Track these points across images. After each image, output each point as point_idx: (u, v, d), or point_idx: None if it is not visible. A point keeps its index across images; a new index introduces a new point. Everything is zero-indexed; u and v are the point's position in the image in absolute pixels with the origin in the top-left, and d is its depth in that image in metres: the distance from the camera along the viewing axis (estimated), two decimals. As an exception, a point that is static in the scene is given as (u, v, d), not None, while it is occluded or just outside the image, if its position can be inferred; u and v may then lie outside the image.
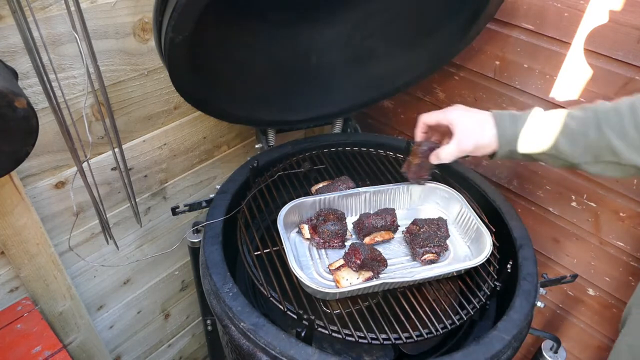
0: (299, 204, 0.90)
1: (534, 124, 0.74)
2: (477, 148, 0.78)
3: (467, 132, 0.78)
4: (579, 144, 0.70)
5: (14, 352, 0.84)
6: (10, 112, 0.59)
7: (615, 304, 1.09)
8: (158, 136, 1.07)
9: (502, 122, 0.76)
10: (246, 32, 0.95)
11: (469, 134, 0.78)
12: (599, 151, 0.69)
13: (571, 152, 0.71)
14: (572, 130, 0.70)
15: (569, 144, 0.71)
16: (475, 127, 0.77)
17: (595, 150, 0.69)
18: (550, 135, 0.72)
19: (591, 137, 0.69)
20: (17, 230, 0.86)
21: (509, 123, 0.76)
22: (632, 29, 0.84)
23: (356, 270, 0.79)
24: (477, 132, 0.77)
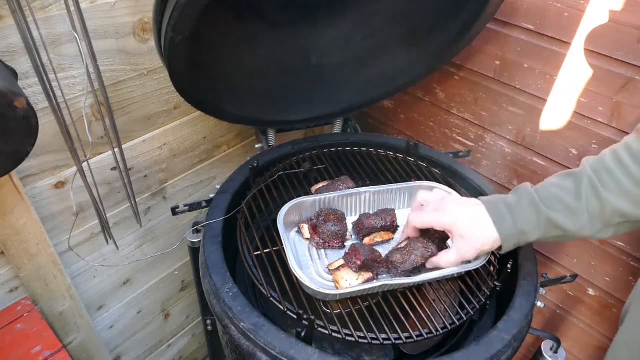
0: (299, 204, 0.90)
1: (531, 214, 0.70)
2: (480, 255, 0.75)
3: (468, 240, 0.73)
4: (583, 219, 0.67)
5: (14, 352, 0.84)
6: (10, 112, 0.59)
7: (615, 304, 1.09)
8: (158, 136, 1.07)
9: (502, 221, 0.71)
10: (246, 32, 0.95)
11: (471, 242, 0.73)
12: (606, 218, 0.67)
13: (579, 229, 0.68)
14: (572, 209, 0.68)
15: (574, 222, 0.68)
16: (475, 232, 0.72)
17: (602, 218, 0.67)
18: (553, 221, 0.69)
19: (593, 208, 0.66)
20: (17, 230, 0.86)
21: (508, 220, 0.71)
22: (632, 29, 0.84)
23: (356, 271, 0.79)
24: (479, 239, 0.72)
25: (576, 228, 0.68)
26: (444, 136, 1.28)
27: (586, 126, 0.98)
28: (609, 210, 0.65)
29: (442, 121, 1.26)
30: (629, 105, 0.90)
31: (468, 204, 0.75)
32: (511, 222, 0.71)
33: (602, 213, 0.66)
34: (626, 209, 0.64)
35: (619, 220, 0.66)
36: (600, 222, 0.67)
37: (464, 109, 1.19)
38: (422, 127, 1.33)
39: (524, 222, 0.70)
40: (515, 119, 1.09)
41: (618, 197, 0.64)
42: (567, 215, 0.68)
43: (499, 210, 0.72)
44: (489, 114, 1.14)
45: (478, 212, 0.73)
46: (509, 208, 0.71)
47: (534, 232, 0.70)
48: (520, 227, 0.70)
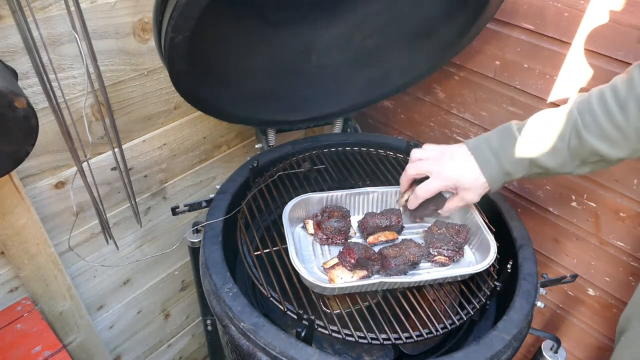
0: (306, 200, 0.90)
1: (515, 152, 0.75)
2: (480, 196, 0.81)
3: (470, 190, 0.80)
4: (564, 157, 0.71)
5: (14, 352, 0.84)
6: (10, 112, 0.59)
7: (615, 304, 1.09)
8: (158, 136, 1.07)
9: (487, 165, 0.77)
10: (246, 32, 0.95)
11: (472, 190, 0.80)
12: (584, 156, 0.71)
13: (559, 166, 0.72)
14: (554, 147, 0.71)
15: (556, 160, 0.72)
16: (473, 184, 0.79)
17: (580, 155, 0.71)
18: (535, 159, 0.73)
19: (573, 146, 0.70)
20: (17, 230, 0.86)
21: (493, 162, 0.76)
22: (632, 29, 0.84)
23: (350, 269, 0.80)
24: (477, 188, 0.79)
25: (557, 165, 0.72)
26: (444, 136, 1.28)
27: (586, 126, 0.98)
28: (587, 150, 0.69)
29: (442, 121, 1.26)
30: (629, 105, 0.90)
31: (460, 156, 0.80)
32: (496, 166, 0.76)
33: (581, 152, 0.70)
34: (604, 150, 0.68)
35: (596, 159, 0.70)
36: (578, 159, 0.71)
37: (464, 109, 1.19)
38: (422, 127, 1.33)
39: (508, 164, 0.75)
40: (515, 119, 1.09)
41: (597, 139, 0.67)
42: (550, 155, 0.72)
43: (484, 157, 0.77)
44: (489, 114, 1.14)
45: (470, 164, 0.78)
46: (493, 152, 0.76)
47: (517, 172, 0.76)
48: (505, 168, 0.76)
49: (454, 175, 0.80)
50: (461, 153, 0.80)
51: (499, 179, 0.77)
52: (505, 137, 0.76)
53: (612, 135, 0.67)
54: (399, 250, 0.81)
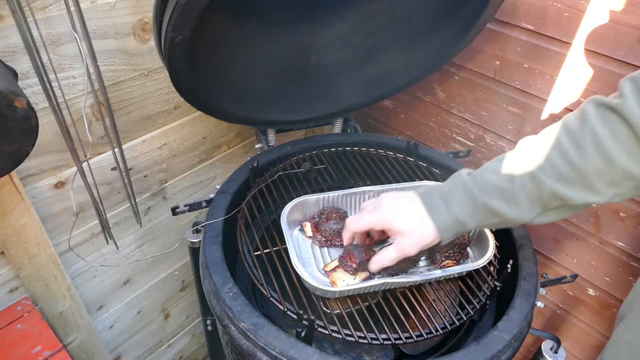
0: (303, 202, 0.90)
1: (467, 202, 0.67)
2: (421, 249, 0.71)
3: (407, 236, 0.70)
4: (522, 203, 0.64)
5: (14, 352, 0.84)
6: (10, 112, 0.59)
7: (615, 304, 1.09)
8: (158, 136, 1.07)
9: (437, 213, 0.68)
10: (246, 32, 0.95)
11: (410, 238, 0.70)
12: (544, 201, 0.63)
13: (518, 214, 0.65)
14: (508, 194, 0.64)
15: (511, 207, 0.64)
16: (413, 227, 0.69)
17: (539, 201, 0.63)
18: (490, 207, 0.65)
19: (530, 191, 0.63)
20: (17, 230, 0.86)
21: (444, 211, 0.68)
22: (632, 29, 0.84)
23: (352, 273, 0.79)
24: (417, 234, 0.69)
25: (514, 213, 0.65)
26: (444, 136, 1.28)
27: (586, 126, 0.98)
28: (547, 194, 0.62)
29: (442, 121, 1.26)
30: (629, 105, 0.90)
31: (404, 198, 0.72)
32: (447, 213, 0.68)
33: (540, 196, 0.63)
34: (564, 193, 0.61)
35: (558, 204, 0.63)
36: (539, 206, 0.64)
37: (464, 109, 1.19)
38: (422, 127, 1.33)
39: (459, 211, 0.67)
40: (515, 119, 1.09)
41: (555, 181, 0.61)
42: (504, 200, 0.64)
43: (433, 202, 0.69)
44: (489, 114, 1.14)
45: (414, 206, 0.70)
46: (443, 198, 0.68)
47: (471, 221, 0.68)
48: (457, 216, 0.67)
49: (390, 215, 0.70)
50: (407, 195, 0.73)
51: (451, 228, 0.69)
52: (456, 184, 0.69)
53: (569, 176, 0.60)
54: None
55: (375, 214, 0.72)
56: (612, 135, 0.57)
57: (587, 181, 0.60)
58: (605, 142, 0.57)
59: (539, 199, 0.63)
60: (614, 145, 0.57)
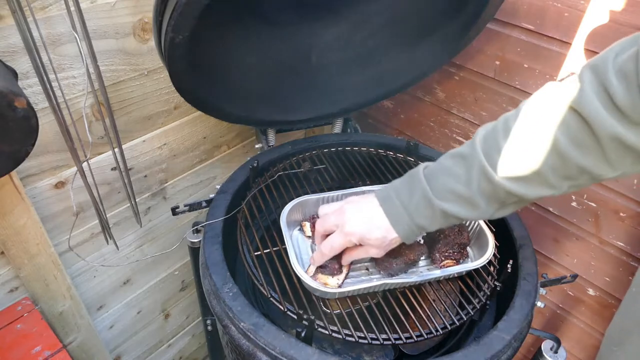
0: (303, 202, 0.90)
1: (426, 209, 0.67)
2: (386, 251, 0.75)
3: (373, 245, 0.73)
4: (479, 205, 0.64)
5: (14, 352, 0.84)
6: (10, 112, 0.59)
7: (615, 304, 1.09)
8: (158, 136, 1.07)
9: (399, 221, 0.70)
10: (246, 32, 0.95)
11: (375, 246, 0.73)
12: (501, 199, 0.63)
13: (477, 215, 0.66)
14: (465, 197, 0.64)
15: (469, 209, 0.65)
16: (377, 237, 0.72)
17: (496, 199, 0.63)
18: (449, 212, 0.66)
19: (486, 191, 0.63)
20: (17, 230, 0.86)
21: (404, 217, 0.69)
22: (632, 29, 0.84)
23: (338, 273, 0.80)
24: (381, 241, 0.72)
25: (472, 215, 0.66)
26: (444, 136, 1.28)
27: (586, 126, 0.98)
28: (503, 193, 0.62)
29: (442, 121, 1.26)
30: (629, 105, 0.90)
31: (366, 209, 0.73)
32: (408, 220, 0.70)
33: (496, 195, 0.63)
34: (518, 191, 0.61)
35: (515, 200, 0.63)
36: (496, 203, 0.64)
37: (464, 109, 1.19)
38: (422, 127, 1.33)
39: (419, 218, 0.69)
40: (515, 119, 1.09)
41: (510, 181, 0.60)
42: (461, 204, 0.65)
43: (395, 212, 0.70)
44: (489, 114, 1.14)
45: (377, 217, 0.72)
46: (404, 207, 0.70)
47: (431, 224, 0.69)
48: (418, 223, 0.69)
49: (358, 230, 0.73)
50: (369, 204, 0.73)
51: (413, 233, 0.71)
52: (414, 188, 0.69)
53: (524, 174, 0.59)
54: (399, 250, 0.81)
55: (345, 233, 0.74)
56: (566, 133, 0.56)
57: (541, 177, 0.59)
58: (559, 140, 0.56)
59: (495, 198, 0.63)
60: (568, 142, 0.56)
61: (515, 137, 0.60)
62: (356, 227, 0.73)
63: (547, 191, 0.61)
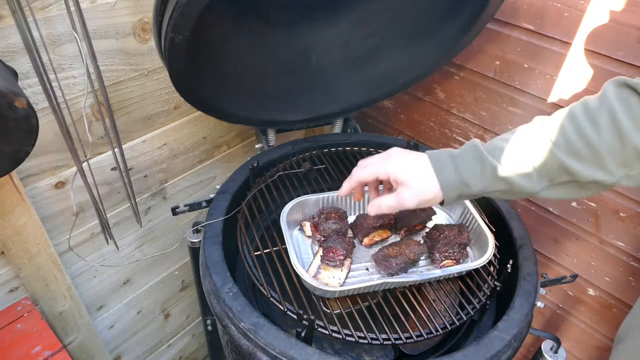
0: (303, 202, 0.90)
1: (475, 163, 0.66)
2: (420, 204, 0.70)
3: (408, 187, 0.69)
4: (531, 173, 0.63)
5: (14, 352, 0.84)
6: (10, 112, 0.59)
7: (615, 304, 1.09)
8: (158, 136, 1.07)
9: (443, 168, 0.67)
10: (246, 32, 0.95)
11: (410, 189, 0.69)
12: (552, 174, 0.62)
13: (525, 184, 0.64)
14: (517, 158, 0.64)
15: (518, 172, 0.64)
16: (415, 180, 0.68)
17: (548, 173, 0.62)
18: (497, 173, 0.64)
19: (541, 162, 0.62)
20: (17, 230, 0.86)
21: (450, 168, 0.67)
22: (632, 29, 0.84)
23: (340, 265, 0.80)
24: (419, 186, 0.68)
25: (521, 181, 0.64)
26: (444, 136, 1.28)
27: (586, 126, 0.98)
28: (555, 166, 0.61)
29: (442, 121, 1.27)
30: (629, 105, 0.90)
31: (413, 155, 0.71)
32: (453, 171, 0.66)
33: (548, 168, 0.62)
34: (573, 166, 0.60)
35: (566, 179, 0.62)
36: (546, 179, 0.63)
37: (464, 109, 1.19)
38: (422, 127, 1.33)
39: (466, 171, 0.66)
40: (515, 119, 1.09)
41: (567, 154, 0.60)
42: (513, 167, 0.64)
43: (441, 160, 0.68)
44: (489, 114, 1.15)
45: (420, 161, 0.69)
46: (452, 158, 0.68)
47: (477, 183, 0.66)
48: (463, 176, 0.66)
49: (398, 165, 0.70)
50: (416, 154, 0.71)
51: (455, 187, 0.67)
52: (467, 146, 0.68)
53: (581, 150, 0.59)
54: (399, 249, 0.82)
55: (382, 164, 0.72)
56: (629, 113, 0.57)
57: (598, 157, 0.59)
58: (620, 120, 0.57)
59: (547, 171, 0.62)
60: (629, 123, 0.56)
61: (577, 116, 0.60)
62: (394, 162, 0.70)
63: (600, 175, 0.59)
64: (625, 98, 0.58)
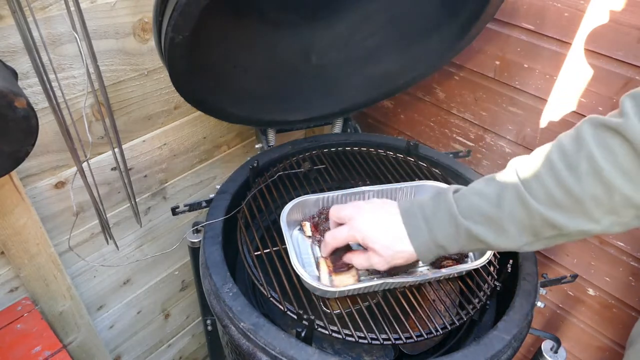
0: (303, 202, 0.90)
1: (450, 226, 0.63)
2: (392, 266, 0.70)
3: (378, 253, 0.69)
4: (509, 231, 0.60)
5: (14, 352, 0.84)
6: (10, 112, 0.59)
7: (615, 304, 1.09)
8: (158, 136, 1.07)
9: (417, 233, 0.66)
10: (246, 32, 0.95)
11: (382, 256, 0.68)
12: (535, 229, 0.59)
13: (504, 242, 0.61)
14: (493, 219, 0.60)
15: (498, 235, 0.61)
16: (387, 246, 0.68)
17: (530, 228, 0.59)
18: (473, 233, 0.61)
19: (520, 218, 0.58)
20: (17, 230, 0.86)
21: (424, 232, 0.65)
22: (632, 29, 0.84)
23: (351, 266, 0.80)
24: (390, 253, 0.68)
25: (500, 241, 0.61)
26: (444, 136, 1.28)
27: (586, 126, 0.98)
28: (539, 222, 0.58)
29: (442, 121, 1.27)
30: (629, 105, 0.90)
31: (384, 213, 0.70)
32: (427, 236, 0.65)
33: (531, 224, 0.58)
34: (559, 221, 0.56)
35: (552, 233, 0.58)
36: (529, 235, 0.60)
37: (464, 109, 1.19)
38: (422, 127, 1.33)
39: (441, 235, 0.64)
40: (515, 119, 1.09)
41: (549, 208, 0.56)
42: (488, 226, 0.61)
43: (415, 223, 0.66)
44: (489, 114, 1.15)
45: (393, 224, 0.68)
46: (425, 220, 0.65)
47: (452, 245, 0.64)
48: (438, 240, 0.64)
49: (365, 229, 0.69)
50: (388, 210, 0.69)
51: (430, 251, 0.66)
52: (439, 204, 0.65)
53: (563, 201, 0.55)
54: None
55: (352, 227, 0.71)
56: (611, 159, 0.53)
57: (582, 207, 0.55)
58: (602, 166, 0.53)
59: (529, 227, 0.59)
60: (614, 170, 0.52)
61: (554, 163, 0.56)
62: (365, 225, 0.69)
63: (587, 225, 0.56)
64: (605, 142, 0.53)
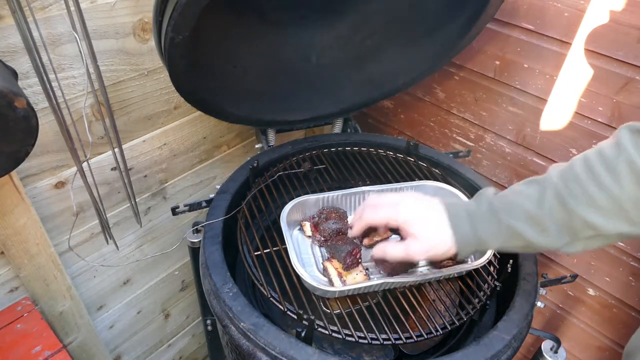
0: (303, 202, 0.90)
1: (491, 222, 0.64)
2: (429, 258, 0.70)
3: (418, 240, 0.68)
4: (549, 229, 0.61)
5: (14, 352, 0.84)
6: (10, 112, 0.59)
7: (615, 304, 1.09)
8: (158, 136, 1.07)
9: (460, 225, 0.66)
10: (246, 32, 0.95)
11: (421, 243, 0.67)
12: (574, 230, 0.60)
13: (544, 240, 0.62)
14: (534, 217, 0.61)
15: (538, 233, 0.62)
16: (428, 234, 0.67)
17: (570, 230, 0.60)
18: (514, 230, 0.63)
19: (559, 218, 0.60)
20: (17, 230, 0.86)
21: (467, 225, 0.66)
22: (632, 29, 0.84)
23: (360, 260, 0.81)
24: (430, 241, 0.67)
25: (540, 239, 0.62)
26: (444, 136, 1.28)
27: (586, 126, 0.98)
28: (578, 222, 0.59)
29: (442, 121, 1.27)
30: (629, 105, 0.90)
31: (428, 204, 0.70)
32: (469, 229, 0.66)
33: (570, 225, 0.59)
34: (597, 222, 0.57)
35: (590, 234, 0.59)
36: (568, 235, 0.61)
37: (464, 109, 1.19)
38: (422, 127, 1.33)
39: (483, 229, 0.65)
40: (515, 119, 1.09)
41: (587, 208, 0.57)
42: (529, 223, 0.62)
43: (458, 216, 0.67)
44: (489, 114, 1.15)
45: (436, 214, 0.68)
46: (469, 214, 0.66)
47: (493, 240, 0.65)
48: (480, 234, 0.65)
49: (408, 213, 0.68)
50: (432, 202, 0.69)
51: (471, 244, 0.67)
52: (482, 201, 0.67)
53: (602, 203, 0.56)
54: None
55: (395, 210, 0.70)
56: None
57: (622, 210, 0.56)
58: None
59: (568, 227, 0.60)
60: None
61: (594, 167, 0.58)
62: (409, 210, 0.68)
63: (626, 227, 0.57)
64: None
